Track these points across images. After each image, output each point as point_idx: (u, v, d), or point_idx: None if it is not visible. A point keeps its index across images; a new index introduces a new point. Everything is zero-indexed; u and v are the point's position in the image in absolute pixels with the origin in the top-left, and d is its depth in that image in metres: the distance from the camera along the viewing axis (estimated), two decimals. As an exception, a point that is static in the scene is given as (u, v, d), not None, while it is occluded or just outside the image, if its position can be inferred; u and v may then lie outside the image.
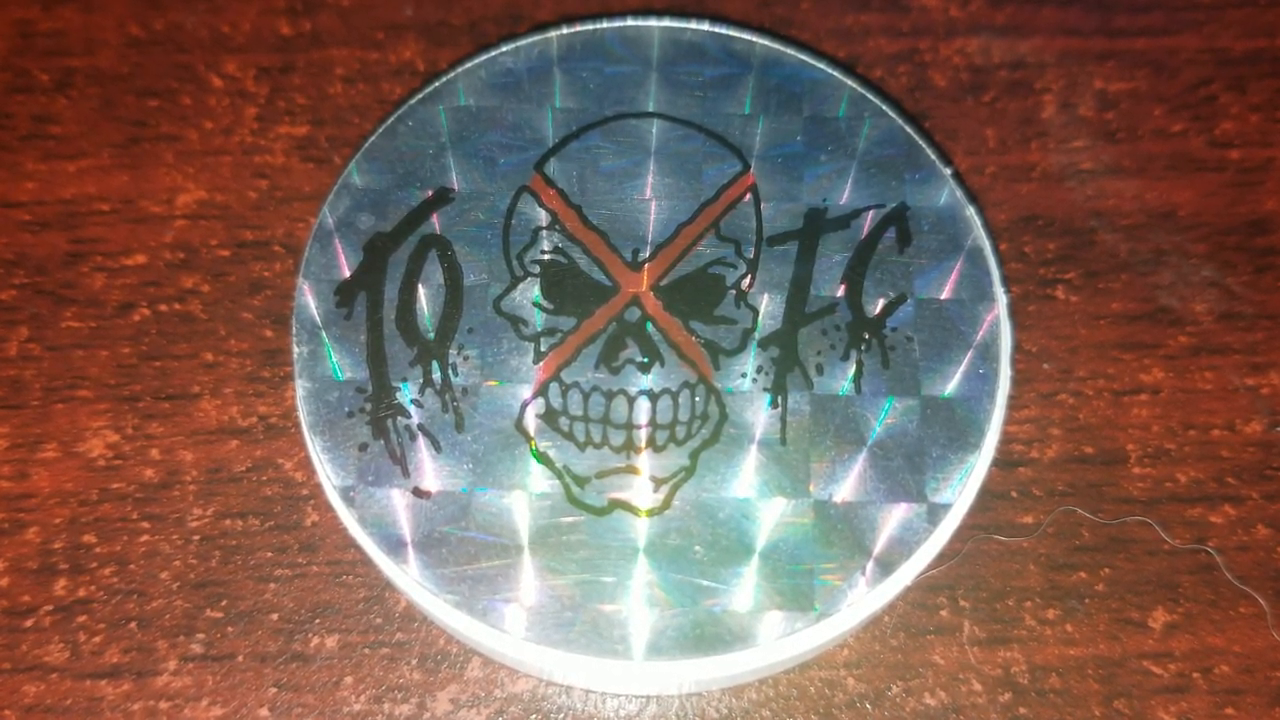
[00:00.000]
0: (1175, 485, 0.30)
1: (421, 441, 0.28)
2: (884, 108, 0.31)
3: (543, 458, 0.28)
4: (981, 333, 0.29)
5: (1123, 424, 0.31)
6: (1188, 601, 0.29)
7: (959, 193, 0.30)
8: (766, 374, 0.28)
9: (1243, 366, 0.31)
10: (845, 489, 0.27)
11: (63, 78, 0.35)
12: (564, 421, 0.28)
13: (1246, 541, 0.30)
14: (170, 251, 0.33)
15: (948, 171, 0.30)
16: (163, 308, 0.32)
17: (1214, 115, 0.34)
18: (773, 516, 0.27)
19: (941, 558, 0.28)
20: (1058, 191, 0.33)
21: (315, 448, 0.28)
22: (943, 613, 0.29)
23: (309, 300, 0.29)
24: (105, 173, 0.33)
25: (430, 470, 0.28)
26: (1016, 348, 0.31)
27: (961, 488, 0.27)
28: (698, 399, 0.28)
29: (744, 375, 0.28)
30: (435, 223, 0.30)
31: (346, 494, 0.27)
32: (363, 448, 0.28)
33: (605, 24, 0.32)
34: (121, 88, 0.35)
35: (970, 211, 0.30)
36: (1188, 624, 0.29)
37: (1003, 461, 0.30)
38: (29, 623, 0.29)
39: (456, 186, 0.30)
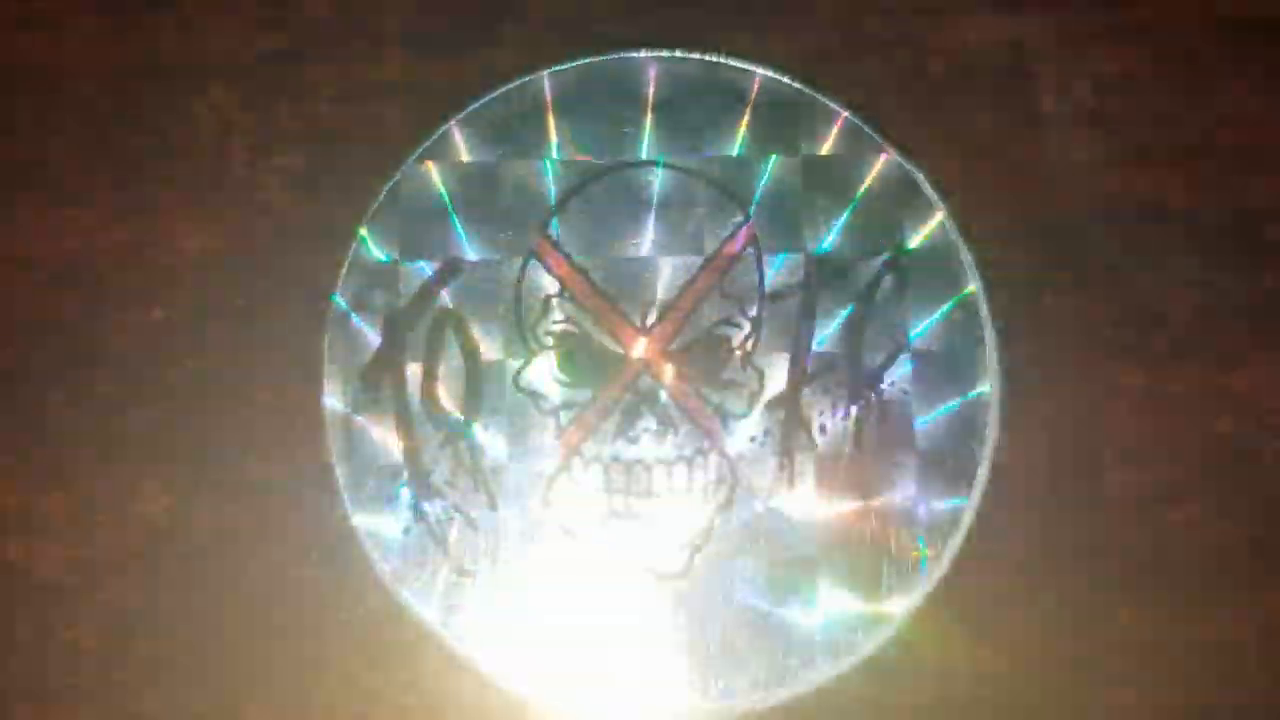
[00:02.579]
0: (1144, 485, 0.33)
1: (458, 521, 0.30)
2: (878, 138, 0.31)
3: (571, 532, 0.30)
4: (975, 384, 0.31)
5: (1100, 428, 0.33)
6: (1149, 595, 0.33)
7: (954, 233, 0.31)
8: (773, 436, 0.31)
9: (1218, 366, 0.33)
10: (847, 552, 0.30)
11: (42, 115, 0.34)
12: (588, 494, 0.30)
13: (1206, 536, 0.33)
14: (187, 303, 0.33)
15: (941, 210, 0.31)
16: (190, 364, 0.33)
17: (1208, 91, 0.34)
18: (784, 577, 0.30)
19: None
20: (1050, 188, 0.34)
21: (361, 532, 0.30)
22: (930, 621, 0.32)
23: (334, 387, 0.31)
24: (109, 221, 0.34)
25: (470, 549, 0.30)
26: (1006, 383, 0.32)
27: (949, 544, 0.30)
28: (711, 465, 0.30)
29: (752, 439, 0.31)
30: (447, 296, 0.31)
31: (399, 578, 0.30)
32: (405, 531, 0.30)
33: (595, 59, 0.32)
34: (106, 123, 0.34)
35: (965, 253, 0.31)
36: (1149, 617, 0.32)
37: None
38: (119, 676, 0.32)
39: (466, 253, 0.31)
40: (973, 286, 0.31)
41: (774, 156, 0.31)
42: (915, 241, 0.31)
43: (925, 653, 0.32)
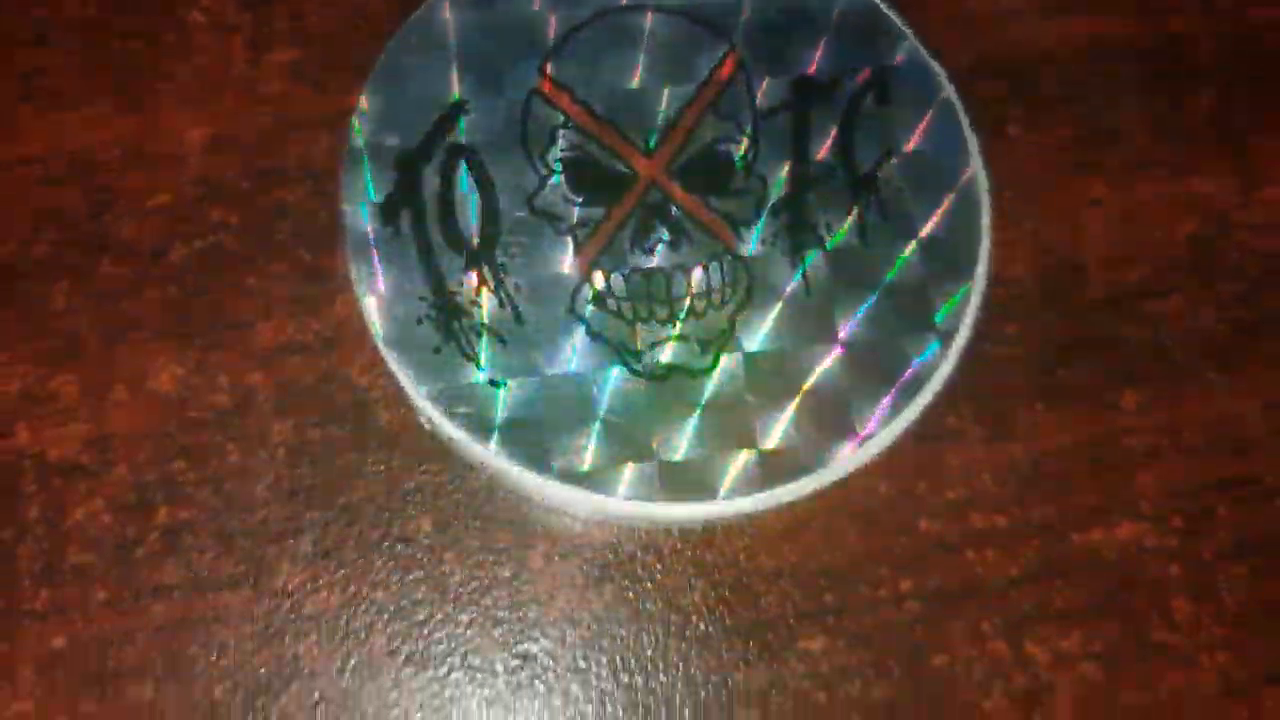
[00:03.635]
0: (1128, 284, 0.35)
1: (487, 338, 0.31)
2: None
3: (600, 335, 0.31)
4: (963, 176, 0.32)
5: (1079, 237, 0.35)
6: (1152, 382, 0.34)
7: (923, 51, 0.34)
8: (782, 238, 0.32)
9: (1172, 175, 0.36)
10: (867, 331, 0.31)
11: (40, 31, 0.35)
12: (612, 302, 0.31)
13: (1193, 325, 0.35)
14: (192, 188, 0.34)
15: (909, 32, 0.34)
16: (197, 243, 0.34)
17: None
18: (808, 363, 0.31)
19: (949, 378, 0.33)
20: (999, 35, 0.37)
21: (393, 358, 0.30)
22: (949, 420, 0.33)
23: (357, 222, 0.31)
24: (109, 120, 0.34)
25: (501, 362, 0.30)
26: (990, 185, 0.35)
27: (964, 315, 0.31)
28: (726, 268, 0.31)
29: (763, 242, 0.32)
30: (458, 133, 0.32)
31: (434, 395, 0.30)
32: (436, 351, 0.30)
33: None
34: (102, 34, 0.35)
35: (936, 66, 0.33)
36: (1154, 401, 0.34)
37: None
38: (139, 552, 0.31)
39: (470, 97, 0.32)
40: (947, 91, 0.33)
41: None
42: (890, 60, 0.33)
43: (947, 453, 0.33)
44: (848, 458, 0.30)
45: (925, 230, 0.32)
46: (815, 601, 0.32)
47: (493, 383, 0.30)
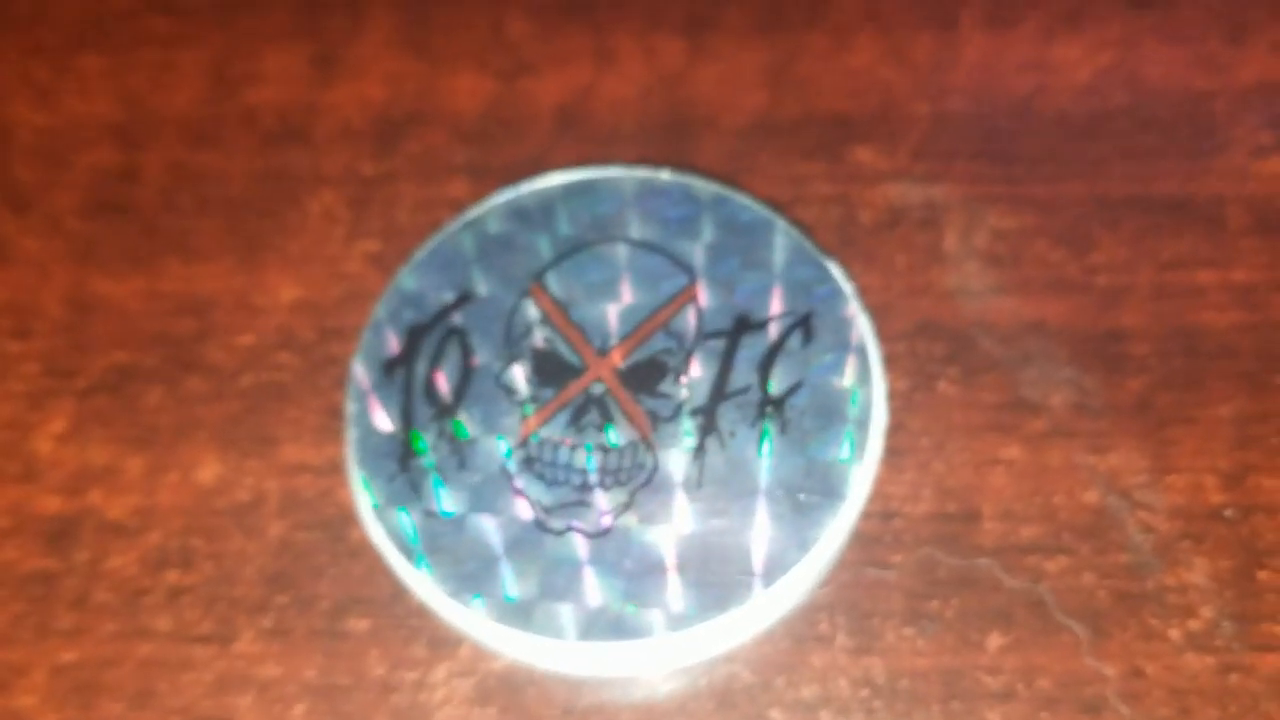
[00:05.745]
0: (1019, 538, 0.38)
1: (432, 476, 0.38)
2: (805, 241, 0.41)
3: (521, 490, 0.37)
4: (861, 412, 0.38)
5: (982, 489, 0.39)
6: (1019, 629, 0.37)
7: (855, 305, 0.39)
8: (691, 436, 0.38)
9: (1087, 448, 0.39)
10: (745, 523, 0.36)
11: (200, 203, 0.47)
12: (538, 466, 0.38)
13: (1074, 585, 0.37)
14: (273, 334, 0.44)
15: (849, 289, 0.40)
16: (264, 376, 0.43)
17: (1089, 248, 0.43)
18: (688, 541, 0.36)
19: (822, 584, 0.37)
20: (949, 305, 0.42)
21: (356, 477, 0.38)
22: (821, 626, 0.37)
23: (361, 372, 0.40)
24: (230, 275, 0.45)
25: (438, 498, 0.37)
26: (895, 423, 0.39)
27: (834, 527, 0.36)
28: (639, 453, 0.38)
29: (674, 437, 0.38)
30: (458, 317, 0.40)
31: (376, 511, 0.37)
32: (390, 478, 0.38)
33: (596, 174, 0.42)
34: (245, 211, 0.46)
35: (862, 320, 0.39)
36: (1017, 646, 0.37)
37: (881, 514, 0.39)
38: (147, 600, 0.39)
39: (477, 292, 0.41)
40: (865, 340, 0.39)
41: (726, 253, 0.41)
42: (822, 310, 0.39)
43: (811, 654, 0.37)
44: (703, 629, 0.35)
45: (818, 453, 0.37)
46: (661, 758, 0.36)
47: (428, 513, 0.37)
